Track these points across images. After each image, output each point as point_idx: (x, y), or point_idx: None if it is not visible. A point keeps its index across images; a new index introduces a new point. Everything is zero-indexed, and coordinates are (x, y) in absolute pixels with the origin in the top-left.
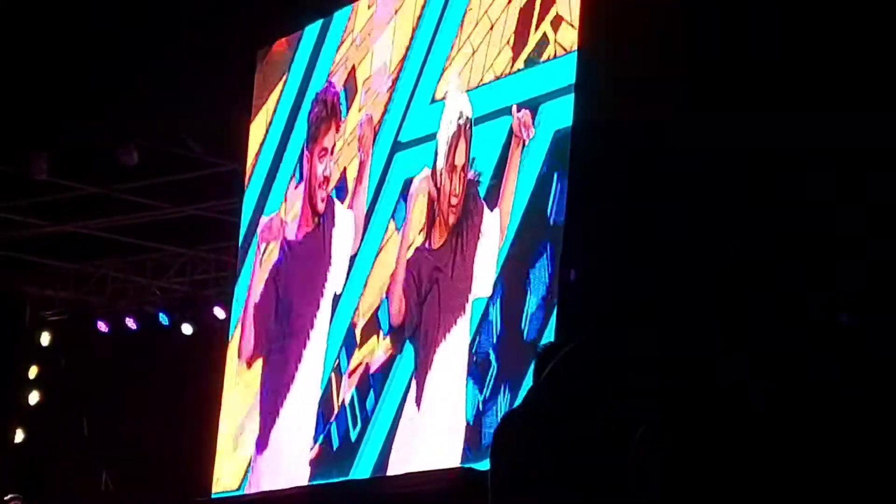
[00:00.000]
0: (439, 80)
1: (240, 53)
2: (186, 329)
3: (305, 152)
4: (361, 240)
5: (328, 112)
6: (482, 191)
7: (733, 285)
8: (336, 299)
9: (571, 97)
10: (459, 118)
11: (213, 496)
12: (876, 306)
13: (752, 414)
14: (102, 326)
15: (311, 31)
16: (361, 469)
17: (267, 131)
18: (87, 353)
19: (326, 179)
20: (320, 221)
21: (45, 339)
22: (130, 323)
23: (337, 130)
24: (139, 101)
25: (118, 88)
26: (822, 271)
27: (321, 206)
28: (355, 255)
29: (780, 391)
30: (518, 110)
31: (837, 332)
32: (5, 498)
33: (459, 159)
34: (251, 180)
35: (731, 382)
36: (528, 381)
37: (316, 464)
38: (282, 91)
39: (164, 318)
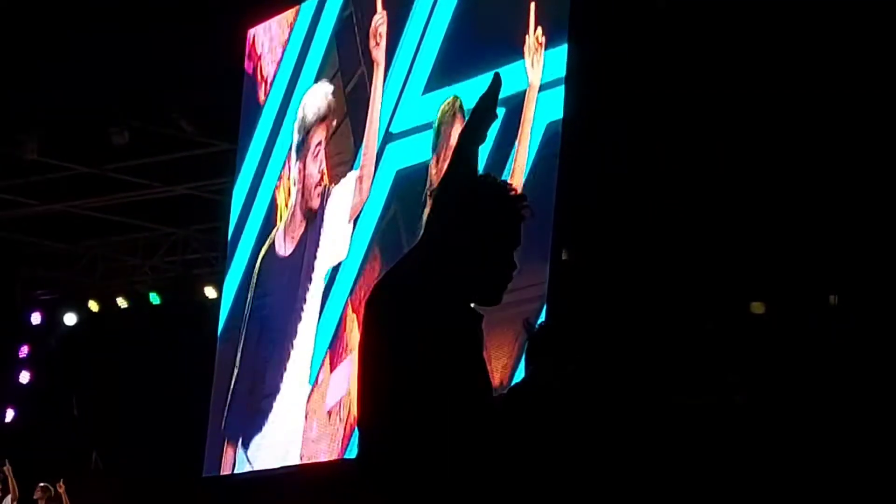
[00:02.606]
0: (430, 71)
1: (232, 33)
2: (177, 308)
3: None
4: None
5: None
6: None
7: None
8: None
9: (562, 89)
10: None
11: (203, 475)
12: None
13: None
14: (93, 306)
15: (307, 8)
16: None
17: (259, 119)
18: (77, 333)
19: (321, 179)
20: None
21: (35, 318)
22: (121, 302)
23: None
24: (131, 80)
25: (109, 68)
26: None
27: (316, 204)
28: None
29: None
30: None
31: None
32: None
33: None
34: (241, 171)
35: None
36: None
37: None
38: (275, 73)
39: (154, 298)
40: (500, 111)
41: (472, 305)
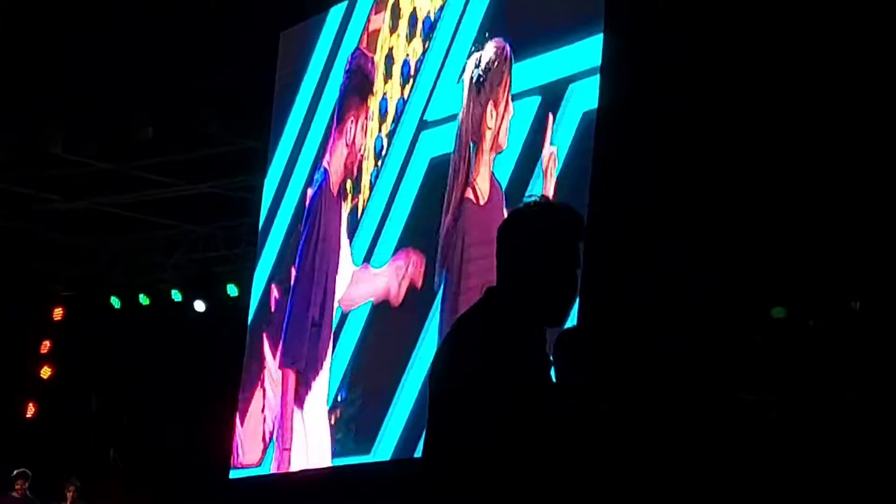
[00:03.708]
0: (467, 59)
1: (262, 33)
2: (199, 306)
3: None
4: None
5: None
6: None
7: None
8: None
9: (597, 78)
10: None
11: (231, 476)
12: None
13: None
14: (115, 302)
15: (337, 11)
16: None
17: (289, 115)
18: (99, 329)
19: (361, 147)
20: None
21: (57, 314)
22: (143, 299)
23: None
24: (156, 77)
25: (135, 64)
26: None
27: (355, 171)
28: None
29: None
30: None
31: None
32: (13, 473)
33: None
34: (272, 164)
35: None
36: None
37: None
38: (305, 74)
39: (176, 295)
40: (536, 100)
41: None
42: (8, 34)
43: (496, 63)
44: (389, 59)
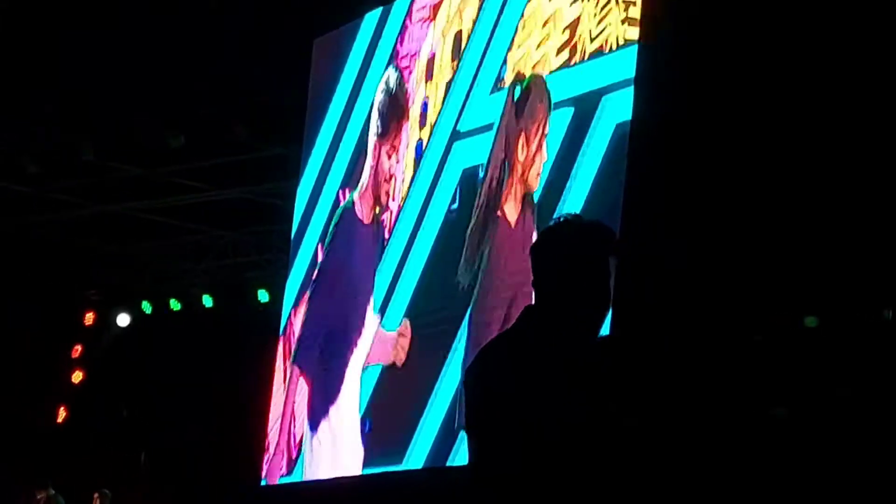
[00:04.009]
0: (500, 68)
1: (296, 41)
2: (228, 311)
3: (376, 141)
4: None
5: (397, 106)
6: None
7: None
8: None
9: (631, 90)
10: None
11: (262, 483)
12: None
13: None
14: (146, 307)
15: (371, 18)
16: (415, 459)
17: (323, 123)
18: (130, 334)
19: (392, 177)
20: (379, 214)
21: (88, 318)
22: (173, 304)
23: (403, 126)
24: (188, 84)
25: (167, 70)
26: None
27: (384, 199)
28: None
29: None
30: None
31: None
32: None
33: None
34: (305, 173)
35: None
36: None
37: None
38: (339, 82)
39: (207, 301)
40: (569, 111)
41: None
42: (9, 34)
43: (536, 99)
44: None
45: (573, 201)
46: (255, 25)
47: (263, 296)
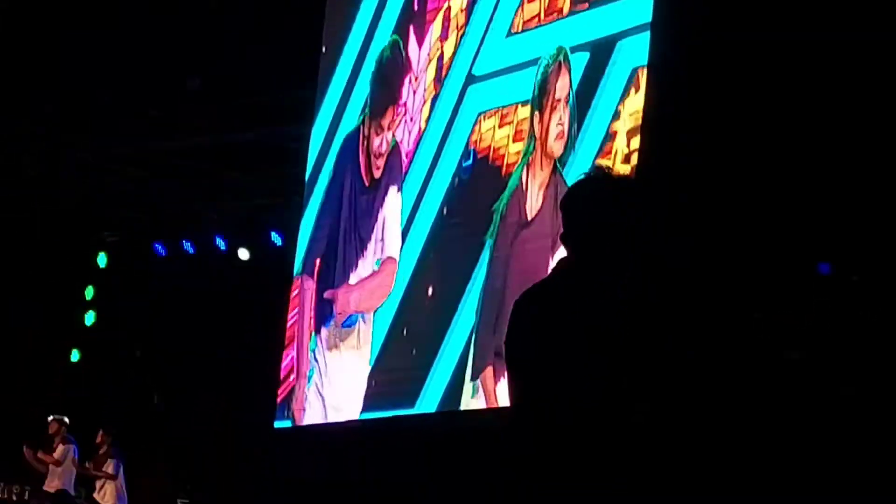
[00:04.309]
0: (516, 12)
1: None
2: (243, 254)
3: (367, 118)
4: (431, 174)
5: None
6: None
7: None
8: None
9: (648, 35)
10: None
11: (275, 426)
12: None
13: None
14: (159, 249)
15: None
16: (427, 403)
17: (337, 66)
18: (143, 276)
19: (381, 155)
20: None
21: (102, 260)
22: (187, 246)
23: (396, 106)
24: (206, 27)
25: (185, 12)
26: None
27: (376, 173)
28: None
29: None
30: None
31: None
32: (50, 418)
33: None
34: (319, 115)
35: None
36: None
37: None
38: (354, 24)
39: (220, 243)
40: (585, 56)
41: None
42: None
43: (552, 68)
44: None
45: (588, 145)
46: None
47: (277, 239)
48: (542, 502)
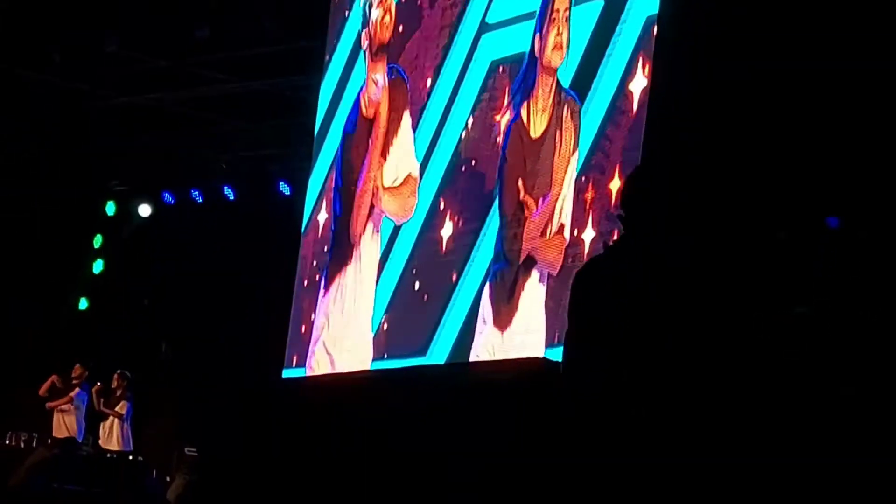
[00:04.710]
0: None
1: None
2: (251, 203)
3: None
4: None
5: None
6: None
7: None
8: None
9: None
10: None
11: (284, 375)
12: None
13: None
14: (168, 198)
15: None
16: (437, 354)
17: (346, 20)
18: (151, 225)
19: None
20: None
21: (110, 209)
22: (196, 196)
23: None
24: None
25: None
26: None
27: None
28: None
29: None
30: None
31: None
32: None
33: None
34: (328, 70)
35: None
36: None
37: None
38: None
39: (229, 192)
40: (599, 4)
41: None
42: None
43: None
44: None
45: (602, 94)
46: None
47: (286, 188)
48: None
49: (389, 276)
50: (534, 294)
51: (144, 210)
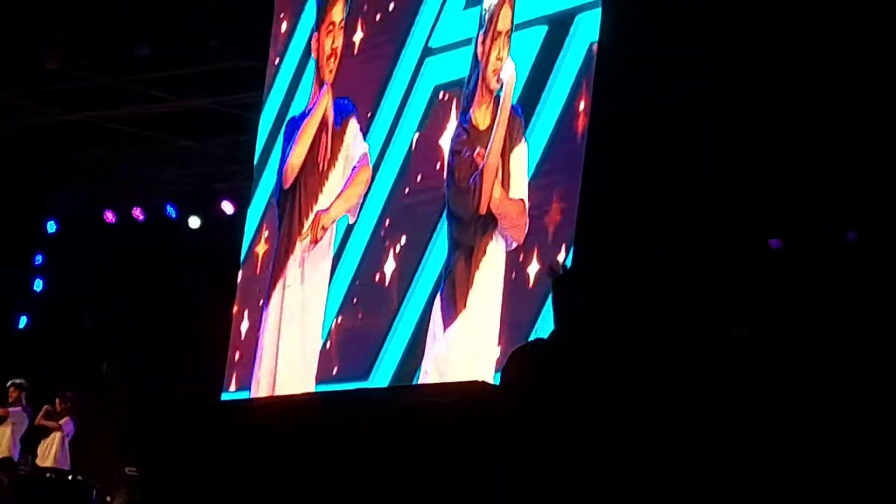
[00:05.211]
0: None
1: None
2: (194, 222)
3: (314, 34)
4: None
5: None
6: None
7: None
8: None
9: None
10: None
11: (222, 398)
12: None
13: None
14: (110, 216)
15: None
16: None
17: (290, 41)
18: (93, 243)
19: (334, 51)
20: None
21: (51, 227)
22: (138, 214)
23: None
24: None
25: None
26: None
27: (329, 77)
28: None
29: None
30: None
31: None
32: (8, 383)
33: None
34: (268, 98)
35: None
36: None
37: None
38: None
39: (171, 211)
40: (543, 29)
41: None
42: None
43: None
44: None
45: (546, 119)
46: None
47: (228, 207)
48: None
49: (342, 278)
50: (493, 263)
51: (87, 229)
